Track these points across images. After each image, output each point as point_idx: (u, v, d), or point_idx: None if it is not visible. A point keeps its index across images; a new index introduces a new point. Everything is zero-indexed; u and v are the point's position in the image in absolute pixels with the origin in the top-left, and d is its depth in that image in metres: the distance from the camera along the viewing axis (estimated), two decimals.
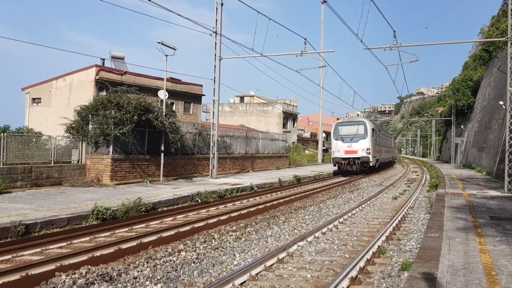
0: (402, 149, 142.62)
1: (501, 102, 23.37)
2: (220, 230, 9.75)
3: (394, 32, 17.25)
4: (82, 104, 17.73)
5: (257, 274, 6.41)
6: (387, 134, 44.93)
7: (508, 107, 15.68)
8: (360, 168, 27.85)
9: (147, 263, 6.93)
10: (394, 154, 50.22)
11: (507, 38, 15.66)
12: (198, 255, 7.53)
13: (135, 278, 6.23)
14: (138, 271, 6.48)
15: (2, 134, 14.40)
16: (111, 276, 6.19)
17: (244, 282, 6.05)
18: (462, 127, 49.35)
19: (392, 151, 46.56)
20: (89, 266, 6.55)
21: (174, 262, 7.08)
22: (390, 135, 48.85)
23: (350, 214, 12.17)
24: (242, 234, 9.37)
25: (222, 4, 20.54)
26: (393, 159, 48.32)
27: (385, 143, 37.27)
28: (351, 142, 27.75)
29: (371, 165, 28.11)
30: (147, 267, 6.71)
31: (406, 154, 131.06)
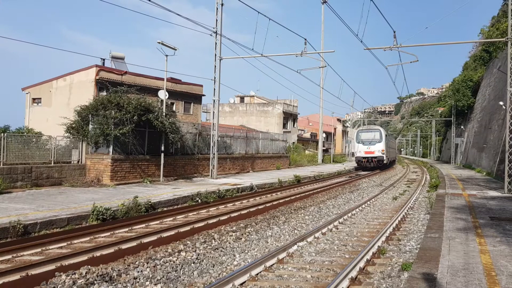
0: (402, 149, 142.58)
1: (501, 103, 23.37)
2: (220, 230, 9.76)
3: (394, 32, 17.27)
4: (82, 104, 17.72)
5: (257, 274, 6.42)
6: (392, 138, 54.98)
7: (508, 108, 15.68)
8: (376, 165, 35.14)
9: (147, 263, 6.93)
10: (395, 154, 58.82)
11: (507, 39, 15.66)
12: (198, 255, 7.54)
13: (135, 278, 6.24)
14: (138, 271, 6.49)
15: (3, 134, 14.41)
16: (111, 276, 6.20)
17: (244, 282, 6.05)
18: (462, 127, 49.34)
19: (395, 152, 55.64)
20: (89, 266, 6.56)
21: (174, 262, 7.09)
22: (394, 138, 61.57)
23: (350, 215, 12.18)
24: (242, 234, 9.38)
25: (222, 4, 20.56)
26: (395, 158, 55.77)
27: (391, 145, 46.15)
28: (370, 145, 35.30)
29: (384, 162, 35.85)
30: (147, 268, 6.72)
31: (406, 155, 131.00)
